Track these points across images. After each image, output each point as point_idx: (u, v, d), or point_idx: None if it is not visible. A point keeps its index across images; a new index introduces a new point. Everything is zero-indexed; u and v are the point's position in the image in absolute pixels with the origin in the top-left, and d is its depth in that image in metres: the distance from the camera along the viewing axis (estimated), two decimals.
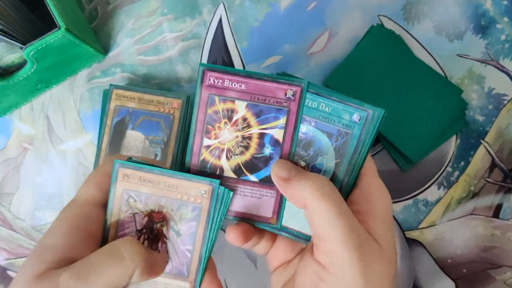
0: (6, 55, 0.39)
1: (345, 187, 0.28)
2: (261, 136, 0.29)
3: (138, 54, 0.45)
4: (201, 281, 0.28)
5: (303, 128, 0.28)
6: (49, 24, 0.36)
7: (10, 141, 0.45)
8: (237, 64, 0.44)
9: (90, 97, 0.45)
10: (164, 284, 0.28)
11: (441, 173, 0.42)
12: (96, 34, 0.45)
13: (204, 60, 0.44)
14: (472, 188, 0.42)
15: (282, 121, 0.28)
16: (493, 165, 0.42)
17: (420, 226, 0.42)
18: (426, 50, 0.43)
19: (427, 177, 0.42)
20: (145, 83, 0.44)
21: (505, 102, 0.42)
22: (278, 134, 0.29)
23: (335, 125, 0.28)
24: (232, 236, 0.29)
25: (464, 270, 0.41)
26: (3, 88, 0.39)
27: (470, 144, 0.42)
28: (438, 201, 0.42)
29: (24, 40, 0.37)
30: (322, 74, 0.43)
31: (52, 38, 0.36)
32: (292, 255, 0.31)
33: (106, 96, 0.41)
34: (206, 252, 0.28)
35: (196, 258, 0.28)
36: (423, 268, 0.42)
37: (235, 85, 0.28)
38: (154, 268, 0.26)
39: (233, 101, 0.28)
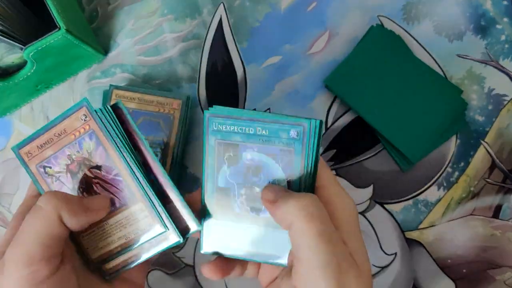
0: (6, 55, 0.39)
1: None
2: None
3: (138, 55, 0.45)
4: (147, 193, 0.28)
5: (248, 155, 0.28)
6: (49, 25, 0.36)
7: (10, 141, 0.45)
8: (237, 64, 0.44)
9: (90, 98, 0.45)
10: (125, 218, 0.28)
11: (441, 174, 0.42)
12: (96, 35, 0.45)
13: (204, 60, 0.44)
14: (472, 188, 0.42)
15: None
16: (493, 166, 0.42)
17: (420, 226, 0.42)
18: (426, 50, 0.43)
19: (427, 177, 0.42)
20: (145, 83, 0.44)
21: (505, 102, 0.42)
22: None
23: (276, 146, 0.28)
24: (206, 272, 0.29)
25: (464, 270, 0.41)
26: (3, 88, 0.39)
27: (470, 144, 0.42)
28: (438, 201, 0.42)
29: (24, 40, 0.37)
30: (322, 75, 0.43)
31: (52, 38, 0.36)
32: (280, 270, 0.31)
33: (106, 97, 0.41)
34: (127, 163, 0.28)
35: (126, 175, 0.28)
36: (423, 269, 0.42)
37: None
38: (91, 207, 0.27)
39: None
